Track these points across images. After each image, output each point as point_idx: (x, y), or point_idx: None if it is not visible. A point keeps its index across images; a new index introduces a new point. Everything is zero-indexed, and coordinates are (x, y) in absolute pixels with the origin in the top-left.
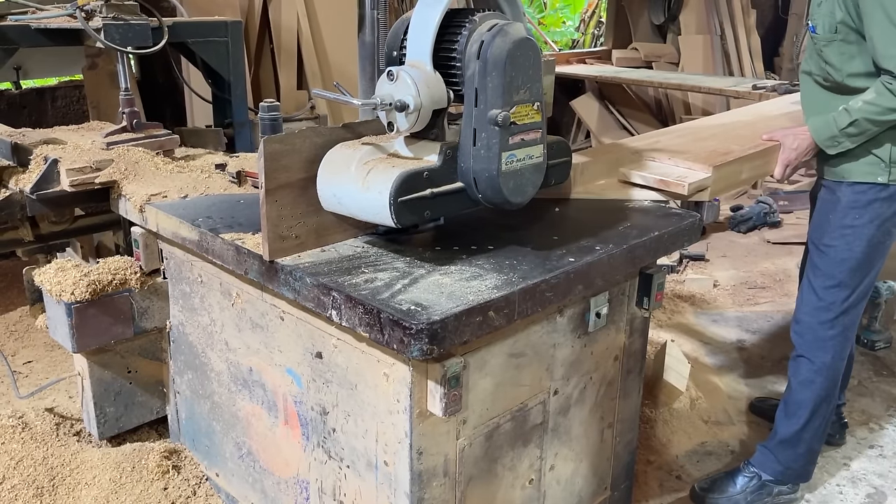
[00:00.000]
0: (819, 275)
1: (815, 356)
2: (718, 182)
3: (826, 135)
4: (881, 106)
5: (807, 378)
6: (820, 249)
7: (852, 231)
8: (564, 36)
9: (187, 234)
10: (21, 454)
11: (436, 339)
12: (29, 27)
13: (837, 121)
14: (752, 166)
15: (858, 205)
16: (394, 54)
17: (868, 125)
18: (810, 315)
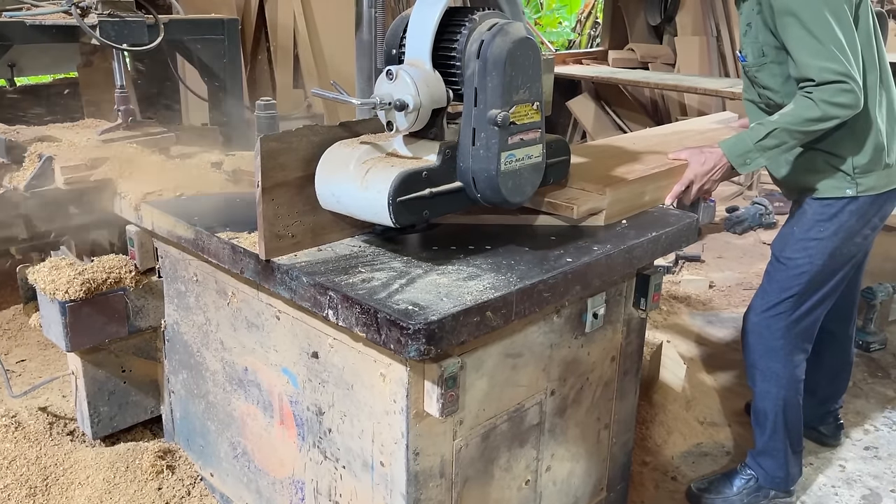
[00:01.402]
0: (774, 286)
1: (765, 365)
2: (616, 205)
3: (739, 150)
4: (799, 116)
5: (762, 388)
6: (780, 261)
7: (816, 244)
8: (561, 36)
9: (183, 232)
10: (14, 454)
11: (433, 339)
12: (24, 23)
13: (752, 135)
14: (656, 187)
15: (824, 217)
16: (392, 53)
17: (785, 136)
18: (760, 324)
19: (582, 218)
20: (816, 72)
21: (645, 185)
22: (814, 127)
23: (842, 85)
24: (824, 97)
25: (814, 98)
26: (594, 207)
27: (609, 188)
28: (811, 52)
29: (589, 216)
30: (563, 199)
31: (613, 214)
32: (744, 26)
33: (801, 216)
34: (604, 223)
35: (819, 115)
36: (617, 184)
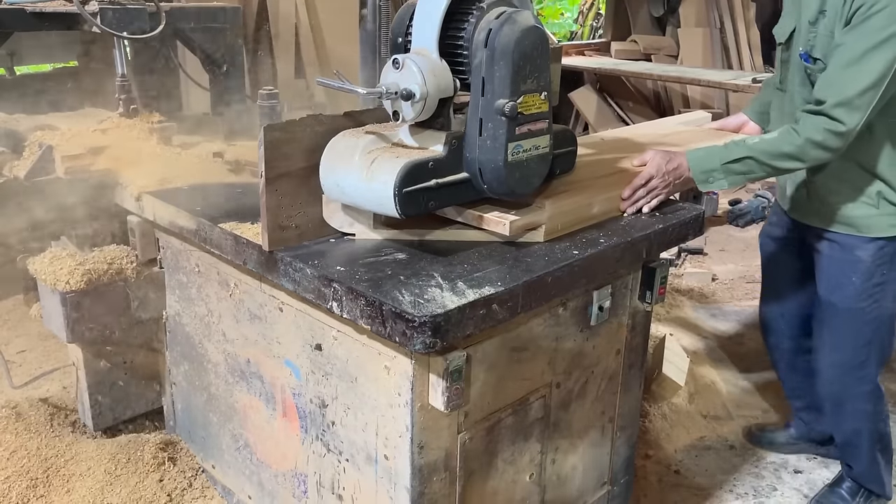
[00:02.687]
0: (850, 340)
1: (856, 407)
2: (558, 219)
3: (704, 166)
4: (777, 148)
5: (853, 427)
6: (844, 314)
7: (881, 289)
8: (563, 28)
9: (185, 223)
10: (15, 445)
11: (439, 332)
12: (24, 11)
13: (723, 153)
14: (606, 198)
15: (885, 259)
16: (399, 41)
17: (754, 166)
18: (849, 380)
19: (517, 235)
20: (832, 102)
21: (593, 195)
22: (788, 165)
23: (837, 126)
24: (811, 132)
25: (799, 131)
26: (531, 222)
27: (549, 200)
28: (845, 86)
29: (525, 232)
30: (495, 212)
31: (555, 230)
32: (813, 11)
33: (856, 264)
34: (543, 240)
35: (798, 154)
36: (559, 195)
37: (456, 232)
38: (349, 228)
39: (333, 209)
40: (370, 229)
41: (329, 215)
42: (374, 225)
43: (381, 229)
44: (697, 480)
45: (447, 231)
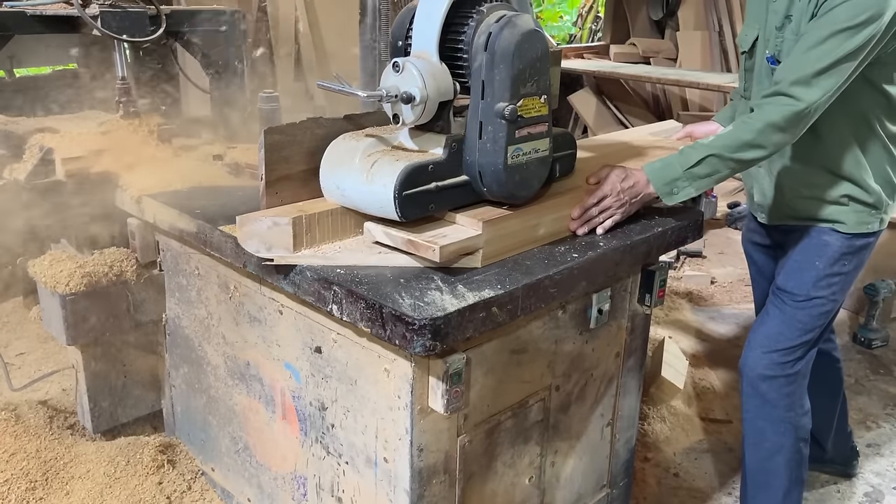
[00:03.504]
0: (794, 328)
1: (780, 415)
2: (496, 242)
3: (666, 177)
4: (737, 139)
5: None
6: (799, 300)
7: (840, 279)
8: (562, 31)
9: (185, 225)
10: (14, 447)
11: (439, 334)
12: (24, 13)
13: (681, 159)
14: (554, 218)
15: (851, 250)
16: (399, 45)
17: (718, 164)
18: (770, 369)
19: (450, 260)
20: (792, 82)
21: (539, 215)
22: (751, 154)
23: (795, 105)
24: (768, 112)
25: (755, 116)
26: (466, 247)
27: (486, 222)
28: (807, 68)
29: (460, 258)
30: (427, 234)
31: (493, 254)
32: (779, 17)
33: (822, 249)
34: (481, 265)
35: (757, 140)
36: (497, 217)
37: (384, 256)
38: (266, 253)
39: (248, 233)
40: (289, 252)
41: (244, 239)
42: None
43: (301, 252)
44: (696, 483)
45: (374, 256)
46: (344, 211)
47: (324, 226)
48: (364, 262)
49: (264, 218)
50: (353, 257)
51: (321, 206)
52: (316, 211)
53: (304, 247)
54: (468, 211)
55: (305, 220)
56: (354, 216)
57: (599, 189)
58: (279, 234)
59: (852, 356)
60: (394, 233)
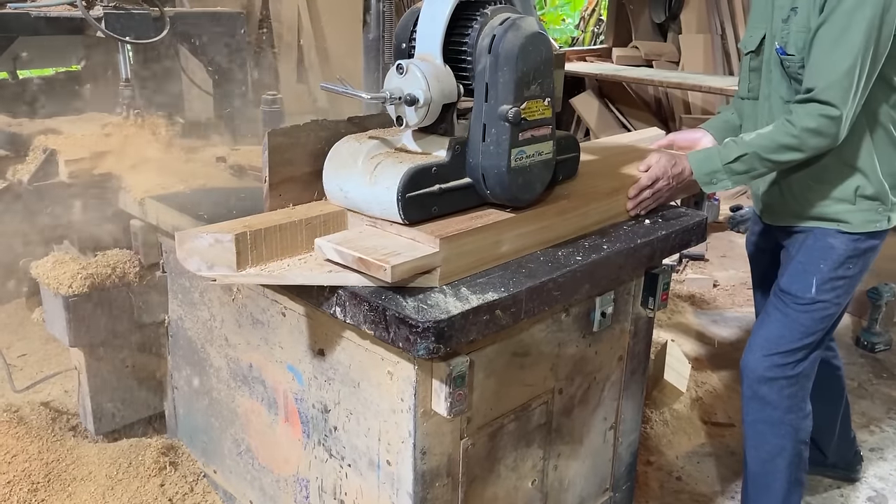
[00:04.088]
0: (795, 330)
1: (779, 417)
2: (455, 260)
3: (707, 168)
4: (775, 141)
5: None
6: (802, 303)
7: (844, 283)
8: (564, 33)
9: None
10: (16, 449)
11: (442, 337)
12: (28, 15)
13: (722, 153)
14: (518, 234)
15: (856, 253)
16: (402, 47)
17: (755, 163)
18: (770, 371)
19: (404, 280)
20: (821, 87)
21: (501, 232)
22: (788, 157)
23: (830, 111)
24: (805, 121)
25: (794, 122)
26: (421, 265)
27: (443, 239)
28: (832, 70)
29: (416, 277)
30: (379, 253)
31: (452, 272)
32: (784, 10)
33: (827, 252)
34: (439, 284)
35: (796, 144)
36: (456, 233)
37: (335, 275)
38: (207, 272)
39: (189, 251)
40: (232, 271)
41: (184, 258)
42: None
43: (246, 270)
44: (699, 487)
45: (324, 274)
46: (294, 226)
47: (272, 242)
48: (313, 280)
49: (205, 234)
50: (301, 275)
51: (269, 220)
52: (262, 226)
53: (250, 264)
54: (427, 225)
55: (250, 237)
56: (306, 231)
57: (652, 172)
58: (221, 251)
59: (855, 360)
60: (345, 250)
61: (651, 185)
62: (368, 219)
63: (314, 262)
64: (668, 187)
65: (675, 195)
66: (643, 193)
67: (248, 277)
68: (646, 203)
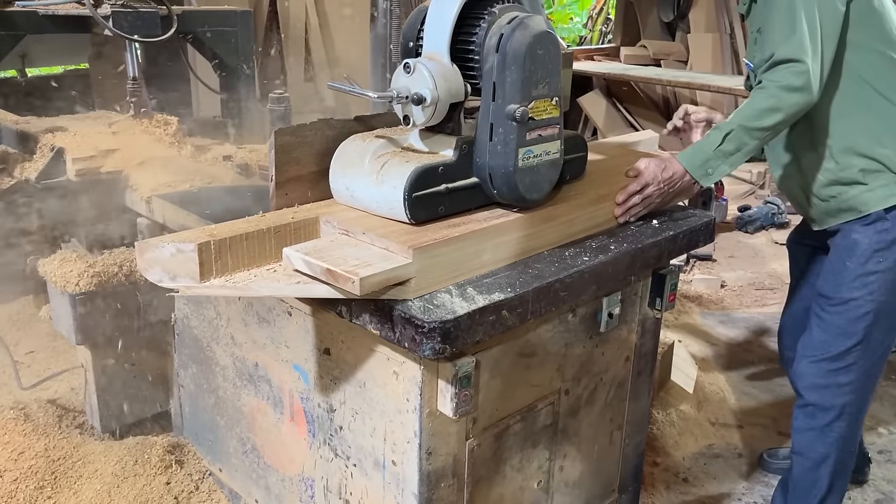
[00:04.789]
0: (833, 333)
1: (829, 423)
2: (430, 272)
3: (699, 160)
4: (755, 108)
5: (820, 452)
6: (834, 304)
7: (876, 278)
8: (572, 32)
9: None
10: (23, 446)
11: (448, 338)
12: (36, 13)
13: (709, 140)
14: (497, 244)
15: (883, 244)
16: (410, 46)
17: (744, 137)
18: (820, 377)
19: (377, 292)
20: (779, 49)
21: (480, 241)
22: (771, 120)
23: (795, 66)
24: (776, 78)
25: (765, 85)
26: (393, 277)
27: (417, 249)
28: (783, 32)
29: (388, 289)
30: (350, 264)
31: (427, 284)
32: (753, 34)
33: (852, 248)
34: (413, 297)
35: (774, 104)
36: (431, 243)
37: (303, 286)
38: (170, 283)
39: (149, 261)
40: (195, 282)
41: (145, 268)
42: None
43: (211, 281)
44: (706, 489)
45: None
46: (262, 234)
47: (238, 251)
48: (280, 292)
49: (167, 244)
50: (268, 287)
51: (235, 229)
52: (228, 235)
53: (214, 275)
54: (404, 233)
55: (215, 246)
56: (275, 239)
57: (641, 177)
58: (184, 261)
59: None
60: (313, 261)
61: (640, 191)
62: (341, 227)
63: (283, 273)
64: (660, 192)
65: (669, 200)
66: (632, 199)
67: (213, 289)
68: (635, 210)
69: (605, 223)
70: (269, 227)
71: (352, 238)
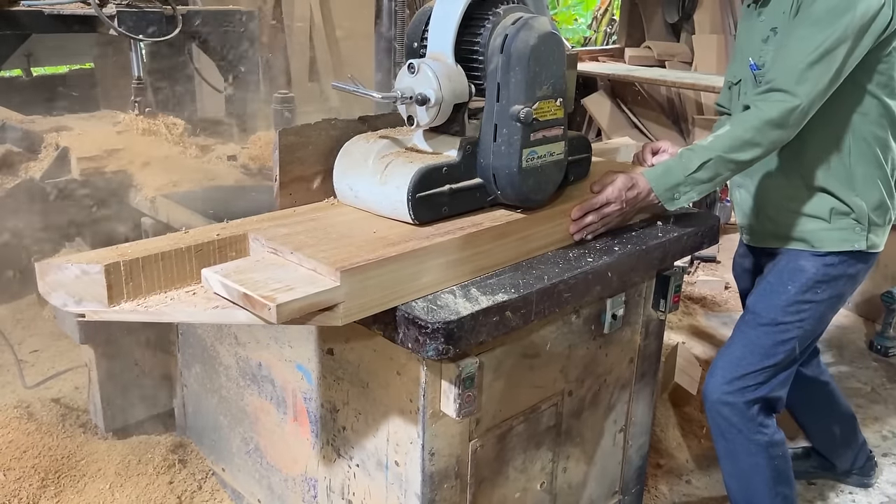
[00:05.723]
0: (756, 352)
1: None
2: (362, 295)
3: (667, 183)
4: (737, 138)
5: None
6: (764, 324)
7: (810, 308)
8: (576, 33)
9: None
10: (26, 444)
11: (452, 338)
12: (42, 13)
13: (682, 164)
14: (442, 263)
15: (827, 278)
16: (414, 46)
17: (720, 167)
18: (730, 396)
19: (301, 319)
20: (785, 79)
21: (421, 261)
22: (750, 154)
23: (789, 101)
24: (765, 109)
25: (752, 113)
26: (318, 302)
27: (345, 272)
28: (796, 66)
29: (313, 316)
30: (270, 287)
31: (359, 309)
32: (765, 32)
33: (797, 274)
34: (341, 322)
35: (755, 138)
36: (362, 264)
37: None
38: (76, 307)
39: (52, 284)
40: (103, 307)
41: (47, 292)
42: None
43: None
44: (709, 491)
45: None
46: (181, 254)
47: (152, 272)
48: (196, 318)
49: (71, 265)
50: (183, 312)
51: (150, 248)
52: (140, 255)
53: (125, 298)
54: (332, 253)
55: (125, 267)
56: (196, 259)
57: (602, 194)
58: (90, 284)
59: (868, 364)
60: (231, 283)
61: (599, 208)
62: (269, 246)
63: (202, 296)
64: (620, 211)
65: (628, 219)
66: (588, 217)
67: (122, 314)
68: (592, 227)
69: (563, 240)
70: (190, 246)
71: (280, 258)
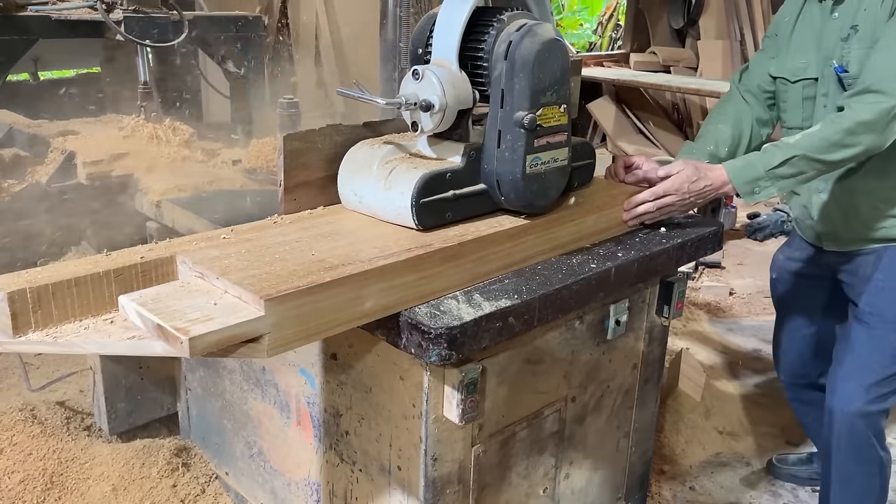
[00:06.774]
0: (888, 352)
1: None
2: (291, 325)
3: (748, 176)
4: (825, 139)
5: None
6: (889, 321)
7: None
8: (582, 38)
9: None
10: (31, 447)
11: (455, 344)
12: (49, 18)
13: (764, 159)
14: (390, 287)
15: None
16: (419, 52)
17: (804, 165)
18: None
19: (219, 353)
20: (880, 80)
21: (364, 285)
22: (839, 155)
23: (883, 101)
24: (858, 109)
25: (845, 114)
26: (237, 335)
27: (269, 300)
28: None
29: (236, 347)
30: (188, 318)
31: (287, 339)
32: (844, 30)
33: (891, 267)
34: (267, 355)
35: (846, 139)
36: (292, 291)
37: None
38: None
39: None
40: (8, 337)
41: None
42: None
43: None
44: (713, 498)
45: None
46: (99, 279)
47: (65, 299)
48: (110, 349)
49: None
50: (96, 343)
51: (62, 273)
52: (51, 281)
53: (33, 328)
54: (260, 279)
55: (32, 294)
56: (116, 284)
57: (664, 184)
58: None
59: None
60: (145, 313)
61: (657, 199)
62: (196, 270)
63: (120, 325)
64: (683, 203)
65: (690, 209)
66: (644, 206)
67: (29, 345)
68: (648, 216)
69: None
70: (108, 270)
71: (206, 282)
